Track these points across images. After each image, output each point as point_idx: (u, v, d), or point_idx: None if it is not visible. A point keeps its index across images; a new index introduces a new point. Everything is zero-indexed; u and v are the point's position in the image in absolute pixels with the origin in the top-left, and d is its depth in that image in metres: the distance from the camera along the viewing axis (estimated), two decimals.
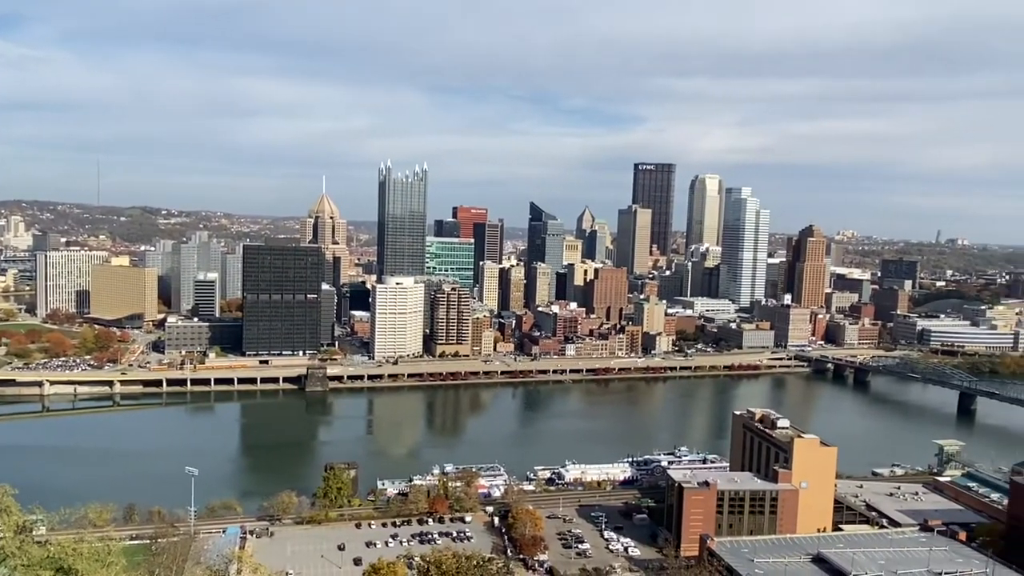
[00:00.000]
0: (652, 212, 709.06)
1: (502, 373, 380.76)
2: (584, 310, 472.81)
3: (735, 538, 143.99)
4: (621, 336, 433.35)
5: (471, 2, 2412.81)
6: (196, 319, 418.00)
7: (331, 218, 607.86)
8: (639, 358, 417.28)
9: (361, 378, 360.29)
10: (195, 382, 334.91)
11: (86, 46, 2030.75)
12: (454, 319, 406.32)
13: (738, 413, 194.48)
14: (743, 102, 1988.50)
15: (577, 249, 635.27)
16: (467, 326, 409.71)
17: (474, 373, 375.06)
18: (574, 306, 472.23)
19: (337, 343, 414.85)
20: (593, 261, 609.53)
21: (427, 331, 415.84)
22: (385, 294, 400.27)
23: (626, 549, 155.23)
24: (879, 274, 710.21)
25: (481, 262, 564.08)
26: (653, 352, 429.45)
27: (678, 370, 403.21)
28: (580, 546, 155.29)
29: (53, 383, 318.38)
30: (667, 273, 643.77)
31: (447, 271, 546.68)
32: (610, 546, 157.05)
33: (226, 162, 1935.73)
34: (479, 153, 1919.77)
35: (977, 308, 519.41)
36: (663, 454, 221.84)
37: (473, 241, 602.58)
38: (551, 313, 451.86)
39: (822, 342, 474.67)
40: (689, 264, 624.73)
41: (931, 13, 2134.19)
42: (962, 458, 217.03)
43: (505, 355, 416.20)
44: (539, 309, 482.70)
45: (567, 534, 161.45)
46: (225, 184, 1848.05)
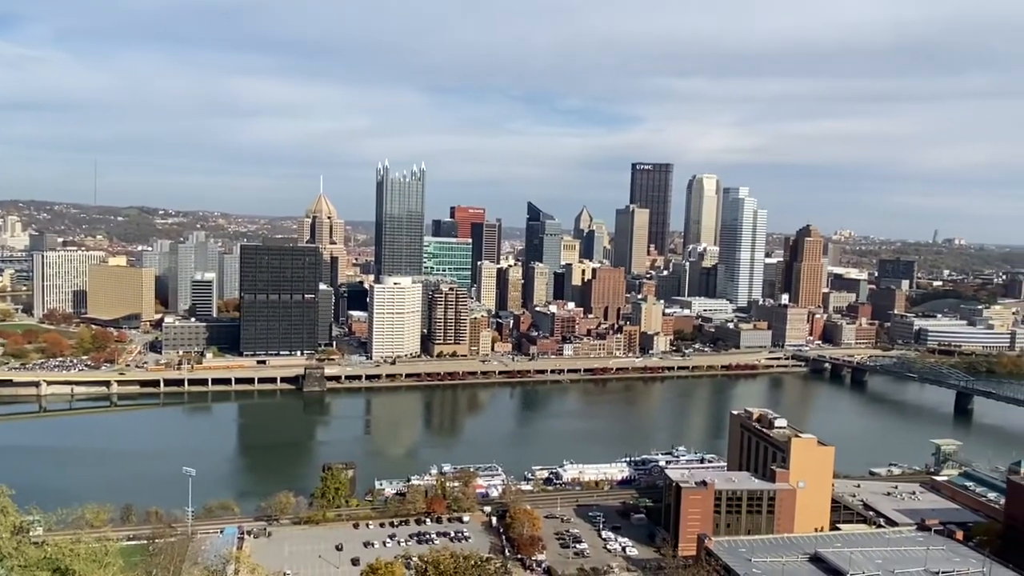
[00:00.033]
0: (650, 212, 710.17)
1: (500, 373, 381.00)
2: (582, 310, 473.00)
3: (733, 538, 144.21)
4: (619, 336, 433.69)
5: (469, 2, 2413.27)
6: (193, 319, 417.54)
7: (329, 218, 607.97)
8: (637, 358, 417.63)
9: (359, 378, 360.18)
10: (192, 382, 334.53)
11: (83, 46, 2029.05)
12: (452, 319, 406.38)
13: (736, 413, 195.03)
14: (741, 102, 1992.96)
15: (575, 249, 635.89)
16: (465, 326, 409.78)
17: (472, 373, 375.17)
18: (572, 306, 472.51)
19: (335, 343, 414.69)
20: (591, 261, 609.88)
21: (425, 331, 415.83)
22: (383, 294, 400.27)
23: (624, 549, 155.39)
24: (876, 274, 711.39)
25: (479, 262, 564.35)
26: (651, 352, 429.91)
27: (676, 370, 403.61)
28: (578, 546, 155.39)
29: (50, 383, 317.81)
30: (665, 273, 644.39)
31: (445, 271, 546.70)
32: (608, 546, 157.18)
33: (223, 162, 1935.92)
34: (477, 153, 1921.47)
35: (974, 308, 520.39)
36: (661, 454, 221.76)
37: (471, 241, 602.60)
38: (549, 313, 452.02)
39: (819, 342, 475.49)
40: (687, 264, 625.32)
41: (929, 13, 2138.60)
42: (959, 457, 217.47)
43: (503, 355, 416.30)
44: (537, 309, 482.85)
45: (565, 534, 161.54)
46: (222, 184, 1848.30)
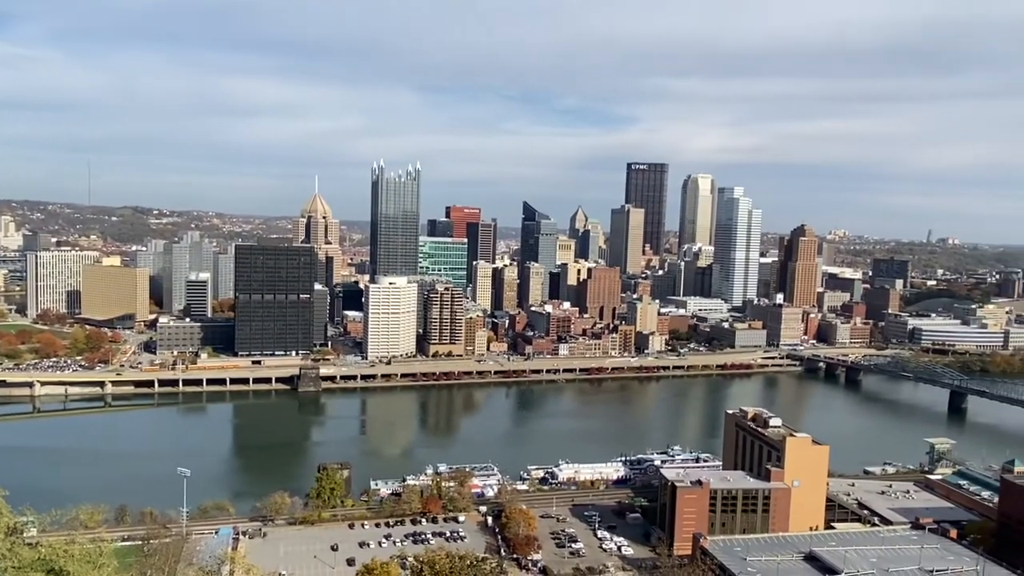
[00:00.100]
0: (645, 212, 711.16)
1: (495, 373, 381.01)
2: (577, 310, 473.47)
3: (728, 537, 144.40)
4: (614, 336, 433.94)
5: (465, 2, 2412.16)
6: (188, 319, 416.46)
7: (324, 218, 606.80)
8: (632, 357, 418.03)
9: (354, 378, 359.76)
10: (187, 383, 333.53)
11: (78, 45, 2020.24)
12: (447, 319, 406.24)
13: (731, 412, 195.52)
14: (736, 102, 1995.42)
15: (570, 249, 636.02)
16: (460, 326, 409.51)
17: (467, 373, 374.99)
18: (567, 306, 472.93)
19: (330, 343, 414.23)
20: (586, 261, 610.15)
21: (420, 331, 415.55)
22: (378, 294, 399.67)
23: (619, 548, 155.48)
24: (870, 273, 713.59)
25: (474, 262, 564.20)
26: (646, 352, 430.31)
27: (671, 369, 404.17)
28: (573, 545, 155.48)
29: (44, 384, 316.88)
30: (660, 273, 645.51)
31: (440, 271, 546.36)
32: (603, 545, 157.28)
33: (218, 162, 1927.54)
34: (472, 153, 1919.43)
35: (968, 307, 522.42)
36: (656, 453, 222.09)
37: (466, 241, 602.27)
38: (544, 313, 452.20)
39: (814, 341, 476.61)
40: (682, 264, 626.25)
41: (923, 13, 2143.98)
42: (953, 456, 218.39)
43: (498, 355, 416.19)
44: (532, 309, 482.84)
45: (560, 533, 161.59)
46: (217, 184, 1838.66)
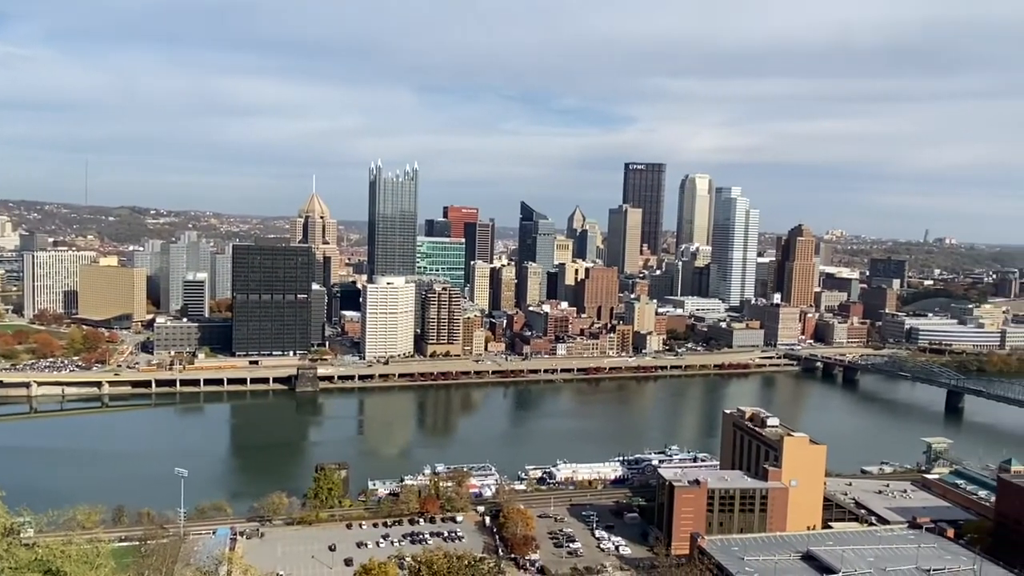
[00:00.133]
0: (643, 212, 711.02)
1: (493, 373, 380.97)
2: (575, 309, 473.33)
3: (725, 536, 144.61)
4: (612, 335, 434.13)
5: (463, 2, 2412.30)
6: (185, 319, 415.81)
7: (321, 218, 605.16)
8: (630, 357, 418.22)
9: (352, 378, 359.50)
10: (184, 383, 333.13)
11: (74, 44, 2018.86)
12: (445, 319, 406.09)
13: (728, 412, 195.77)
14: (733, 102, 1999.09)
15: (568, 249, 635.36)
16: (458, 326, 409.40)
17: (465, 373, 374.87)
18: (565, 305, 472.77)
19: (327, 343, 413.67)
20: (584, 261, 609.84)
21: (418, 331, 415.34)
22: (376, 294, 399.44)
23: (617, 548, 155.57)
24: (868, 273, 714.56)
25: (472, 262, 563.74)
26: (644, 351, 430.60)
27: (668, 369, 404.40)
28: (571, 545, 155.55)
29: (41, 384, 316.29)
30: (657, 272, 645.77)
31: (438, 271, 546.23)
32: (601, 545, 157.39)
33: (215, 161, 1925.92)
34: (470, 153, 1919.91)
35: (964, 307, 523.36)
36: (654, 453, 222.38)
37: (464, 241, 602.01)
38: (542, 312, 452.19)
39: (811, 341, 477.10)
40: (679, 263, 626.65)
41: (921, 14, 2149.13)
42: (950, 456, 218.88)
43: (496, 355, 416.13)
44: (530, 309, 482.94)
45: (558, 533, 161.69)
46: (214, 184, 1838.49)
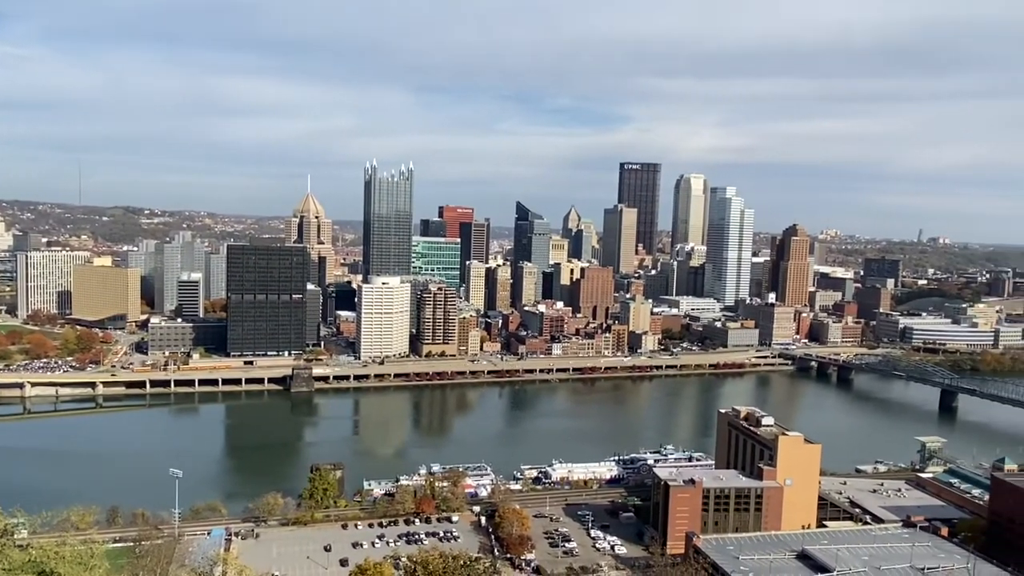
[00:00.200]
0: (638, 212, 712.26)
1: (489, 373, 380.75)
2: (570, 309, 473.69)
3: (721, 535, 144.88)
4: (607, 335, 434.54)
5: (459, 2, 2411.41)
6: (180, 320, 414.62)
7: (316, 218, 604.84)
8: (625, 357, 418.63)
9: (347, 378, 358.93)
10: (179, 383, 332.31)
11: (71, 44, 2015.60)
12: (440, 319, 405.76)
13: (723, 411, 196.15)
14: (729, 102, 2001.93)
15: (563, 248, 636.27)
16: (453, 326, 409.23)
17: (460, 373, 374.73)
18: (560, 305, 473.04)
19: (323, 343, 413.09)
20: (579, 260, 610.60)
21: (413, 331, 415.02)
22: (371, 294, 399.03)
23: (613, 547, 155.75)
24: (862, 273, 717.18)
25: (467, 262, 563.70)
26: (639, 351, 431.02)
27: (664, 369, 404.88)
28: (567, 545, 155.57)
29: (34, 385, 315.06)
30: (653, 272, 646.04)
31: (433, 271, 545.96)
32: (597, 544, 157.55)
33: (210, 161, 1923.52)
34: (465, 153, 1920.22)
35: (958, 306, 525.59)
36: (649, 452, 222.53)
37: (459, 241, 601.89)
38: (537, 312, 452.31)
39: (806, 340, 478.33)
40: (674, 263, 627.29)
41: (914, 15, 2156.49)
42: (944, 455, 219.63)
43: (492, 355, 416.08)
44: (525, 308, 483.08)
45: (554, 533, 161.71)
46: (209, 183, 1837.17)
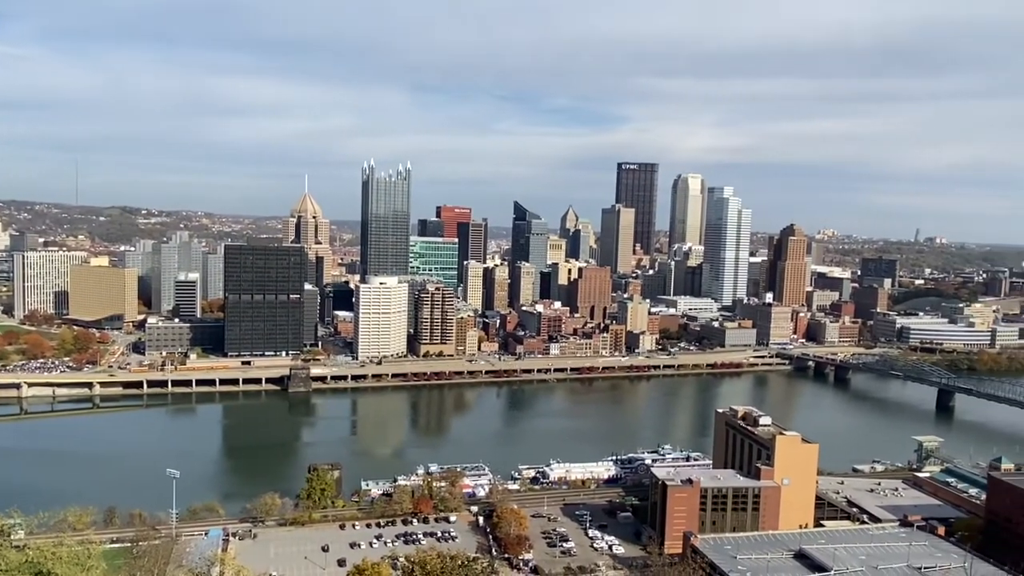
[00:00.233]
0: (635, 211, 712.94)
1: (486, 373, 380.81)
2: (568, 309, 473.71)
3: (718, 535, 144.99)
4: (605, 335, 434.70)
5: (459, 2, 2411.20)
6: (177, 320, 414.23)
7: (314, 217, 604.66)
8: (623, 357, 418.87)
9: (345, 378, 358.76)
10: (176, 383, 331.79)
11: (68, 44, 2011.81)
12: (438, 319, 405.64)
13: (721, 411, 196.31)
14: (727, 102, 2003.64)
15: (561, 248, 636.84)
16: (451, 326, 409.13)
17: (458, 373, 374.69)
18: (558, 305, 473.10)
19: (320, 343, 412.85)
20: (577, 260, 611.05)
21: (411, 331, 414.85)
22: (369, 294, 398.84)
23: (610, 547, 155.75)
24: (859, 272, 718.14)
25: (465, 261, 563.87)
26: (637, 351, 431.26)
27: (661, 368, 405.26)
28: (565, 545, 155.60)
29: (31, 385, 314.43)
30: (650, 272, 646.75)
31: (431, 271, 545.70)
32: (594, 544, 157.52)
33: (207, 161, 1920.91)
34: (463, 152, 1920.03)
35: (955, 306, 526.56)
36: (647, 452, 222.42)
37: (457, 240, 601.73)
38: (535, 312, 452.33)
39: (803, 340, 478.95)
40: (672, 263, 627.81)
41: (912, 15, 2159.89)
42: (941, 454, 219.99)
43: (489, 355, 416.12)
44: (523, 308, 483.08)
45: (552, 533, 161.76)
46: (206, 183, 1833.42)
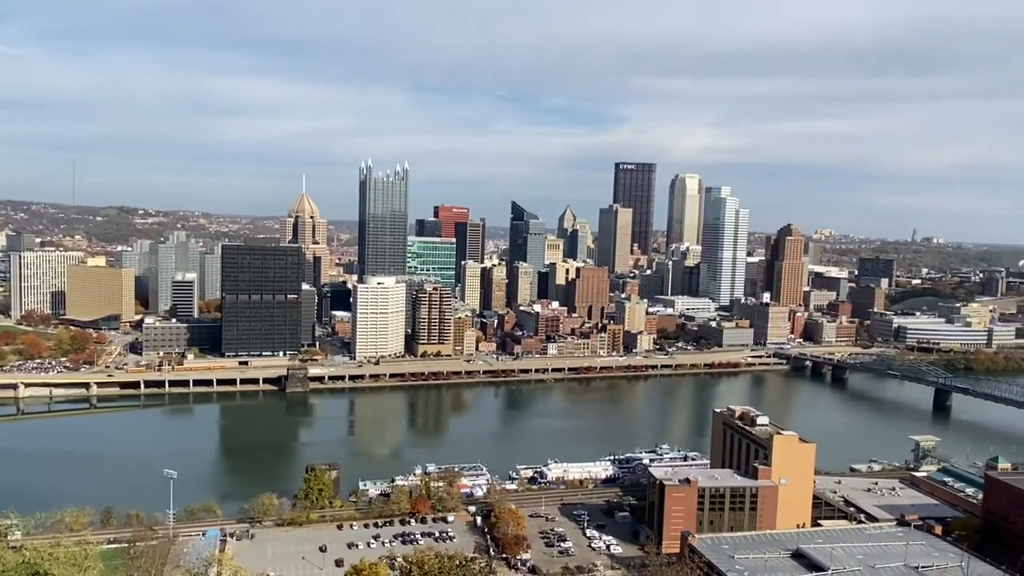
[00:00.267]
0: (633, 211, 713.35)
1: (484, 373, 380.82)
2: (566, 309, 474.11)
3: (716, 535, 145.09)
4: (603, 335, 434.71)
5: (459, 2, 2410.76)
6: (174, 320, 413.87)
7: (311, 217, 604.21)
8: (620, 357, 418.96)
9: (342, 378, 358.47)
10: (173, 384, 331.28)
11: (66, 44, 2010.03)
12: (436, 319, 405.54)
13: (718, 411, 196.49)
14: (725, 102, 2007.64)
15: (559, 248, 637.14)
16: (449, 326, 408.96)
17: (456, 373, 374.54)
18: (556, 305, 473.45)
19: (318, 343, 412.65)
20: (575, 260, 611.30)
21: (409, 331, 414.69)
22: (366, 294, 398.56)
23: (608, 547, 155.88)
24: (856, 272, 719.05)
25: (463, 262, 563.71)
26: (634, 351, 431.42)
27: (659, 368, 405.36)
28: (562, 544, 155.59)
29: (28, 385, 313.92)
30: (648, 272, 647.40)
31: (429, 271, 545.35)
32: (592, 544, 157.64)
33: (205, 161, 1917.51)
34: (461, 152, 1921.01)
35: (952, 306, 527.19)
36: (645, 452, 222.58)
37: (455, 240, 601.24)
38: (533, 312, 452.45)
39: (800, 340, 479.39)
40: (670, 263, 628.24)
41: (910, 15, 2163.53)
42: (938, 453, 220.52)
43: (487, 355, 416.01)
44: (521, 308, 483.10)
45: (549, 533, 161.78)
46: (203, 183, 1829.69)
